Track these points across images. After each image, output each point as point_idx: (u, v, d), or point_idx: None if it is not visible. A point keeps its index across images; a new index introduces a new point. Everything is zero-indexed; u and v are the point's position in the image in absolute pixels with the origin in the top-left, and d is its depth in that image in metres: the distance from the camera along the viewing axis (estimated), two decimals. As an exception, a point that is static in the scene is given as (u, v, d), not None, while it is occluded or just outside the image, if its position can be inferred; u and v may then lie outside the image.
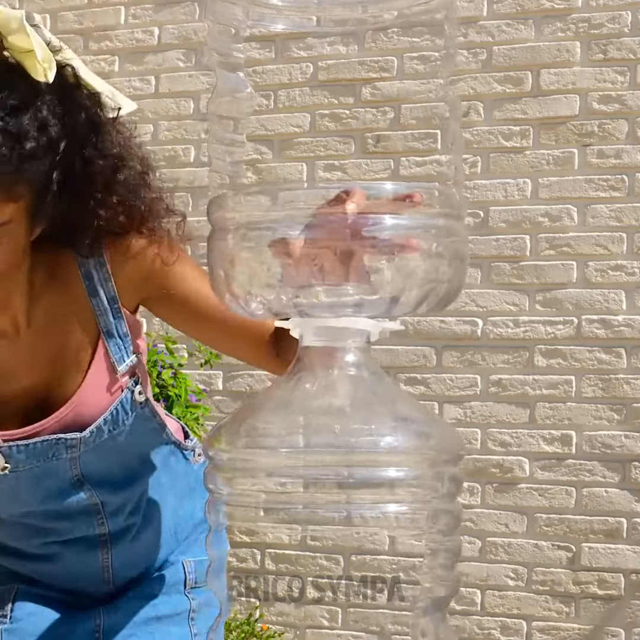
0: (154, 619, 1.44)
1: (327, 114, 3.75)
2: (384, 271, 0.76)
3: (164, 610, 1.45)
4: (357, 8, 0.80)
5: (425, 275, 0.77)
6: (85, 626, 1.41)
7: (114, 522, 1.42)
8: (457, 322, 3.58)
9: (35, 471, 1.34)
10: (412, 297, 0.77)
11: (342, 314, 0.78)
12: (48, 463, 1.34)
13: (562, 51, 3.52)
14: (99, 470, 1.38)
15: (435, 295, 0.78)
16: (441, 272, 0.78)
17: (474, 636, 3.53)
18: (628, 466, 3.41)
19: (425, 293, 0.77)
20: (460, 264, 0.80)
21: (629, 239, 3.44)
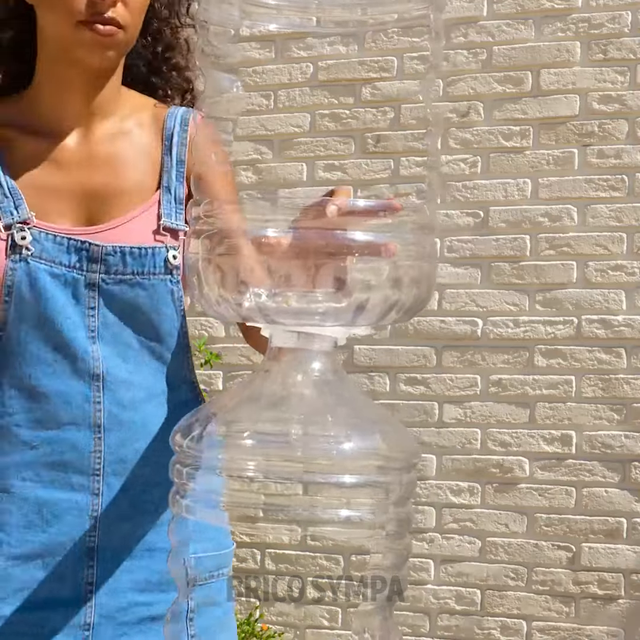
0: (148, 619, 1.38)
1: (327, 114, 3.75)
2: (352, 280, 0.77)
3: (160, 610, 1.38)
4: (357, 10, 0.80)
5: (391, 287, 0.78)
6: (74, 624, 1.34)
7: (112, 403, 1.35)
8: (457, 322, 3.58)
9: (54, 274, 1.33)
10: (377, 307, 0.78)
11: (307, 324, 0.79)
12: (67, 273, 1.34)
13: (562, 51, 3.52)
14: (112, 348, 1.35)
15: (401, 306, 0.79)
16: (406, 284, 0.79)
17: (474, 636, 3.53)
18: (628, 466, 3.41)
19: (391, 304, 0.79)
20: (426, 277, 0.81)
21: (629, 239, 3.44)
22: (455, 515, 3.57)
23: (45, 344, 1.34)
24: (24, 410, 1.34)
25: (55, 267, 1.34)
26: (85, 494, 1.35)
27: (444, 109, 3.60)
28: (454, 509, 3.57)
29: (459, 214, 3.60)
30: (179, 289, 1.38)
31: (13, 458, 1.34)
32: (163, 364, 1.40)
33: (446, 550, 3.57)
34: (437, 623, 3.58)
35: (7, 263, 1.33)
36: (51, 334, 1.34)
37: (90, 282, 1.35)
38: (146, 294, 1.37)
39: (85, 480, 1.35)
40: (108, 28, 1.33)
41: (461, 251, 3.59)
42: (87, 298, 1.35)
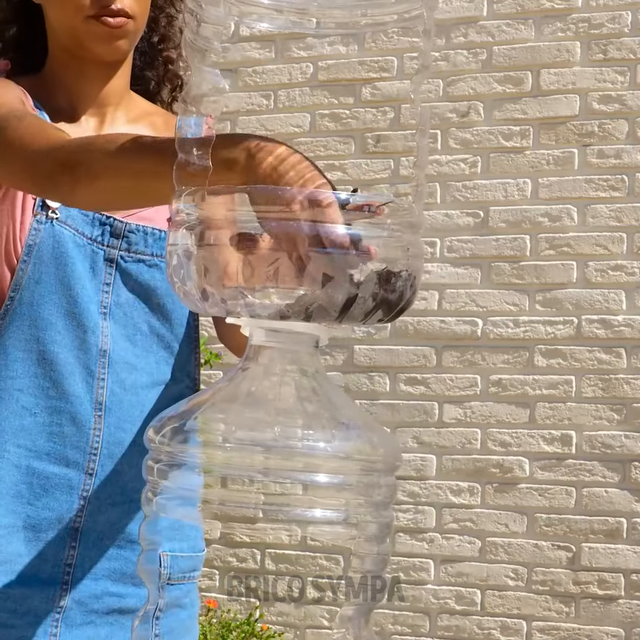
0: (117, 611, 1.36)
1: (327, 114, 3.75)
2: (337, 279, 0.76)
3: (130, 603, 1.37)
4: (356, 11, 0.80)
5: (376, 286, 0.77)
6: (48, 605, 1.33)
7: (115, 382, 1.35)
8: (457, 322, 3.58)
9: (77, 242, 1.33)
10: (363, 307, 0.77)
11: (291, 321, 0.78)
12: (88, 245, 1.33)
13: (562, 51, 3.52)
14: (121, 328, 1.35)
15: (386, 307, 0.79)
16: (392, 283, 0.78)
17: (474, 636, 3.53)
18: (628, 466, 3.41)
19: (376, 304, 0.78)
20: (413, 277, 0.80)
21: (629, 239, 3.45)
22: (455, 515, 3.57)
23: (59, 310, 1.32)
24: (27, 375, 1.32)
25: (78, 237, 1.33)
26: (79, 472, 1.33)
27: (444, 109, 3.60)
28: (454, 509, 3.57)
29: (459, 214, 3.60)
30: None
31: (11, 423, 1.33)
32: (170, 354, 1.40)
33: (446, 550, 3.57)
34: (437, 623, 3.58)
35: (32, 222, 1.31)
36: (66, 300, 1.32)
37: (109, 257, 1.35)
38: (162, 278, 1.36)
39: (81, 457, 1.33)
40: (118, 20, 1.35)
41: (461, 251, 3.59)
42: (104, 273, 1.35)
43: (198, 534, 1.45)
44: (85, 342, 1.33)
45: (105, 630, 1.36)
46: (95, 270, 1.34)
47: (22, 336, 1.32)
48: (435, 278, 3.58)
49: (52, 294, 1.32)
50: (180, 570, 1.40)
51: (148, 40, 1.51)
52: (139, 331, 1.37)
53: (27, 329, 1.32)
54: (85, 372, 1.33)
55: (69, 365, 1.33)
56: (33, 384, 1.33)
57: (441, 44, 3.62)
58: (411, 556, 3.57)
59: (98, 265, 1.34)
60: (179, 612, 1.41)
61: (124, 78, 1.45)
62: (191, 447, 0.80)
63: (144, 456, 1.38)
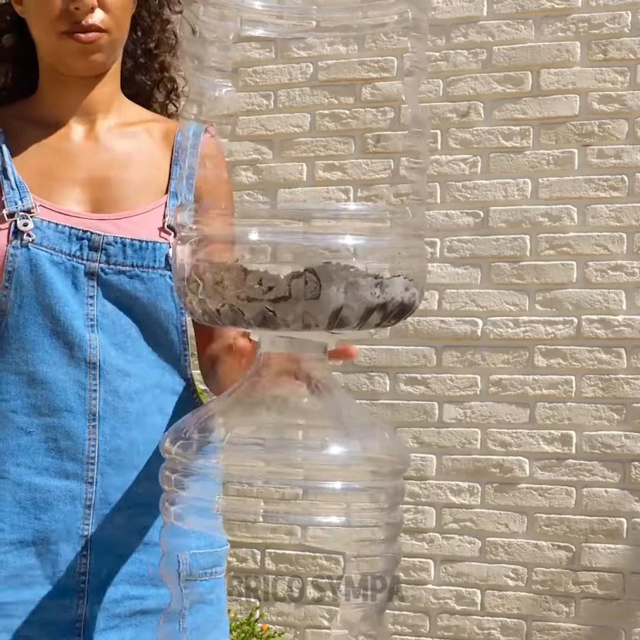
0: (140, 612, 1.38)
1: (327, 114, 3.75)
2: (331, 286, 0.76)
3: (152, 604, 1.38)
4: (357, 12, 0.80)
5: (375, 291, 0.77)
6: (66, 614, 1.35)
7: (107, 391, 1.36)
8: (457, 322, 3.58)
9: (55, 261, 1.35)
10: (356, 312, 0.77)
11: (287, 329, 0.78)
12: (67, 261, 1.36)
13: (562, 51, 3.52)
14: (111, 337, 1.37)
15: (383, 312, 0.78)
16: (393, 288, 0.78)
17: (474, 636, 3.53)
18: (628, 466, 3.41)
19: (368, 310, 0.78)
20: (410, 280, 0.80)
21: (629, 239, 3.45)
22: (455, 515, 3.57)
23: (44, 331, 1.36)
24: (20, 396, 1.36)
25: (56, 255, 1.36)
26: (79, 482, 1.36)
27: (444, 109, 3.60)
28: (454, 509, 3.57)
29: (459, 214, 3.60)
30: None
31: (8, 444, 1.36)
32: (161, 357, 1.42)
33: (446, 550, 3.57)
34: (437, 623, 3.58)
35: (8, 249, 1.34)
36: (49, 320, 1.35)
37: (90, 271, 1.37)
38: (144, 288, 1.38)
39: (79, 468, 1.36)
40: (90, 35, 1.37)
41: (461, 251, 3.59)
42: (86, 287, 1.37)
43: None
44: (73, 358, 1.36)
45: (130, 633, 1.38)
46: (78, 285, 1.37)
47: (12, 359, 1.36)
48: (435, 278, 3.58)
49: (36, 316, 1.35)
50: (200, 567, 1.41)
51: (143, 47, 1.52)
52: (129, 337, 1.39)
53: (15, 352, 1.36)
54: (77, 386, 1.36)
55: (60, 382, 1.36)
56: (26, 404, 1.36)
57: (441, 44, 3.62)
58: (411, 556, 3.57)
59: (80, 280, 1.37)
60: (204, 608, 1.43)
61: (111, 85, 1.47)
62: (208, 457, 0.80)
63: (144, 459, 1.40)
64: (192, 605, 1.38)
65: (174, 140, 1.48)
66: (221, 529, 0.86)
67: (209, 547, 1.43)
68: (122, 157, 1.45)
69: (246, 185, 3.79)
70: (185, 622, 1.36)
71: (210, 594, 1.44)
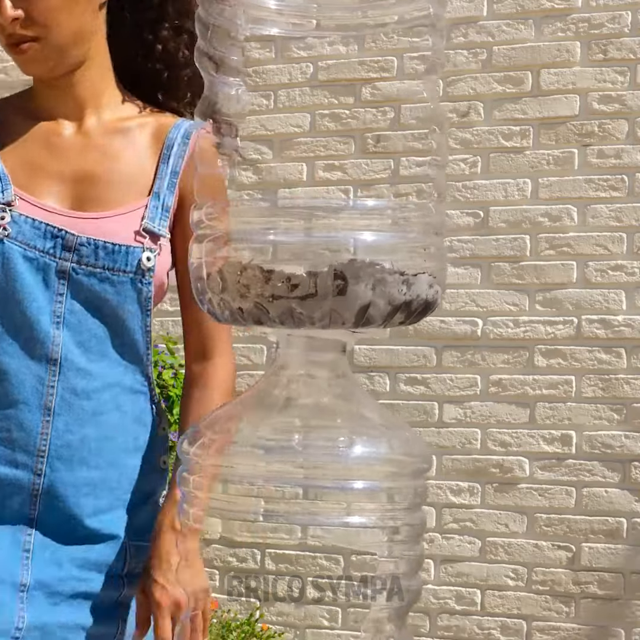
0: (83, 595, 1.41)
1: (327, 114, 3.75)
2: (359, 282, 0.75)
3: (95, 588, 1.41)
4: (357, 12, 0.80)
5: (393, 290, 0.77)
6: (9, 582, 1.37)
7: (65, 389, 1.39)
8: (457, 322, 3.58)
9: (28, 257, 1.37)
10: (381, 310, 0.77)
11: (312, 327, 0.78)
12: (40, 258, 1.38)
13: (562, 51, 3.52)
14: (76, 335, 1.39)
15: (408, 309, 0.78)
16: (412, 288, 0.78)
17: (474, 636, 3.53)
18: (628, 466, 3.41)
19: (396, 307, 0.77)
20: (433, 278, 0.80)
21: (629, 239, 3.45)
22: (455, 515, 3.57)
23: (9, 323, 1.38)
24: None
25: (29, 251, 1.38)
26: (28, 473, 1.40)
27: (444, 109, 3.60)
28: (454, 509, 3.57)
29: (459, 214, 3.60)
30: (149, 290, 1.42)
31: None
32: (125, 356, 1.44)
33: (446, 550, 3.57)
34: (437, 623, 3.58)
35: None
36: (16, 314, 1.38)
37: (62, 269, 1.39)
38: (114, 290, 1.41)
39: (29, 459, 1.40)
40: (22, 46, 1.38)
41: (461, 251, 3.59)
42: (56, 284, 1.39)
43: None
44: (35, 352, 1.39)
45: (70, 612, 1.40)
46: (48, 282, 1.39)
47: None
48: (435, 278, 3.58)
49: (3, 309, 1.38)
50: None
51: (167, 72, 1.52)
52: (94, 336, 1.42)
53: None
54: (35, 379, 1.39)
55: (20, 375, 1.39)
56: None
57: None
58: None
59: (50, 277, 1.39)
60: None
61: (94, 82, 1.47)
62: (226, 458, 0.80)
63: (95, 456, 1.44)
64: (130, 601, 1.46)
65: (165, 137, 1.48)
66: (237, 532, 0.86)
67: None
68: (110, 154, 1.46)
69: (246, 185, 3.79)
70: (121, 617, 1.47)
71: None
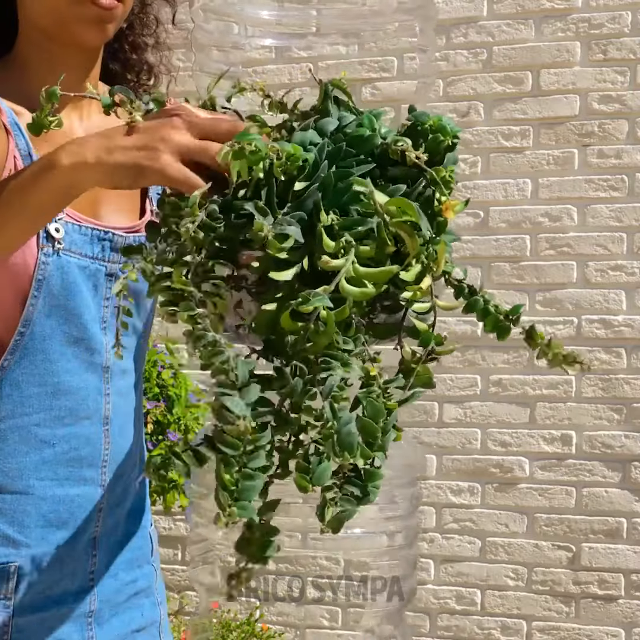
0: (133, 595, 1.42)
1: (327, 114, 3.75)
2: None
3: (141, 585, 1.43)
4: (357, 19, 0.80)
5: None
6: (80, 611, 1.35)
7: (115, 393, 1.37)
8: (457, 322, 3.58)
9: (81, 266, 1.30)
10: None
11: None
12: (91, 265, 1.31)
13: (562, 51, 3.52)
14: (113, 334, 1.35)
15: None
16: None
17: (474, 636, 3.54)
18: (628, 466, 3.41)
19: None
20: None
21: (629, 239, 3.45)
22: (455, 515, 3.57)
23: (68, 339, 1.30)
24: (43, 409, 1.30)
25: (82, 259, 1.30)
26: (95, 487, 1.35)
27: (444, 109, 3.60)
28: (454, 509, 3.57)
29: (459, 214, 3.59)
30: None
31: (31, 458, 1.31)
32: (142, 350, 1.43)
33: (446, 550, 3.57)
34: (437, 623, 3.58)
35: (39, 256, 1.27)
36: (74, 329, 1.31)
37: (110, 272, 1.33)
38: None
39: (95, 473, 1.34)
40: (110, 1, 1.29)
41: (461, 251, 3.59)
42: (104, 288, 1.33)
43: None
44: (92, 364, 1.33)
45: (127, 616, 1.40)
46: (98, 287, 1.32)
47: (36, 371, 1.30)
48: (435, 278, 3.58)
49: (63, 325, 1.30)
50: None
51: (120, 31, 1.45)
52: (125, 333, 1.38)
53: (40, 363, 1.30)
54: (95, 392, 1.34)
55: (82, 391, 1.32)
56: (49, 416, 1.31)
57: (441, 44, 3.61)
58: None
59: (100, 282, 1.33)
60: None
61: (98, 69, 1.40)
62: None
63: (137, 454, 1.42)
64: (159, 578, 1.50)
65: None
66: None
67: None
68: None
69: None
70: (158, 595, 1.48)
71: None
